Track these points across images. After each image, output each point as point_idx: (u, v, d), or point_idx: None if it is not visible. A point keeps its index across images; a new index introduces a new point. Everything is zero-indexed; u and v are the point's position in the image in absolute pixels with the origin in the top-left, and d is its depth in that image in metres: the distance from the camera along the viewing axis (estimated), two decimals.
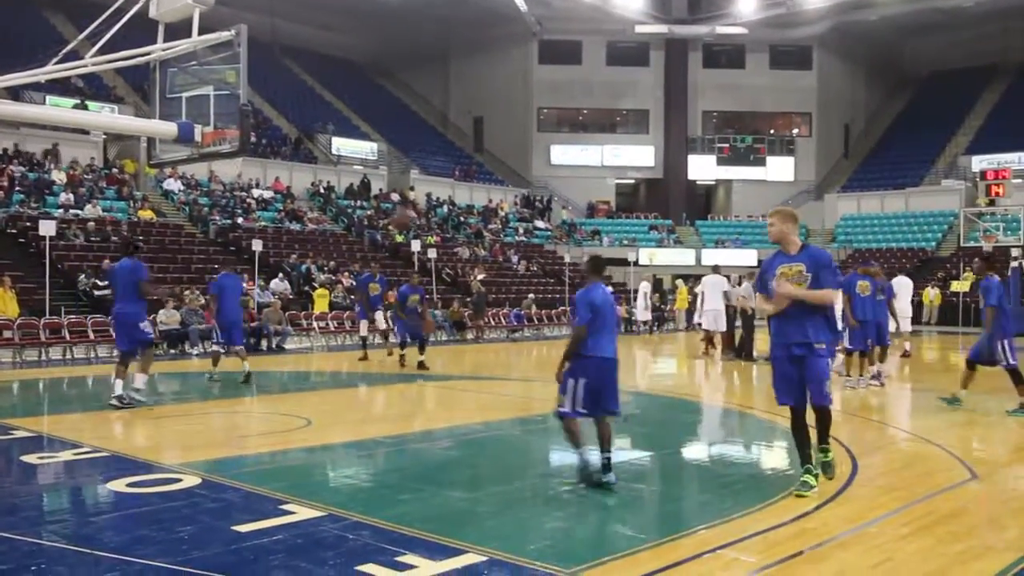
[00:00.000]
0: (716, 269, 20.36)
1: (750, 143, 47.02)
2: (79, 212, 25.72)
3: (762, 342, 15.38)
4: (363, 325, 18.23)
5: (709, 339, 19.46)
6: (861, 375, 13.17)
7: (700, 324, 20.70)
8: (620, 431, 10.42)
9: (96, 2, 9.53)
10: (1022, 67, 47.52)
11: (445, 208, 39.45)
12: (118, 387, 10.59)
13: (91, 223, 24.87)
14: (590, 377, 6.61)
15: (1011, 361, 10.56)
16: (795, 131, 48.37)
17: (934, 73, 50.64)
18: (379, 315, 18.38)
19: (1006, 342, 10.59)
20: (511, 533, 5.58)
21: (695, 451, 9.19)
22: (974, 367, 10.91)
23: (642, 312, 28.59)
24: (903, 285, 18.91)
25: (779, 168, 47.02)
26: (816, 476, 6.44)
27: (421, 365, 15.53)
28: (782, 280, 6.42)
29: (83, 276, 21.56)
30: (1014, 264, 30.02)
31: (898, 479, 7.14)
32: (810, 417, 6.62)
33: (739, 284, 19.20)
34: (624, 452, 9.05)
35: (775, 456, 8.53)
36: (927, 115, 48.07)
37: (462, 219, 38.86)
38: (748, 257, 39.93)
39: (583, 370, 6.63)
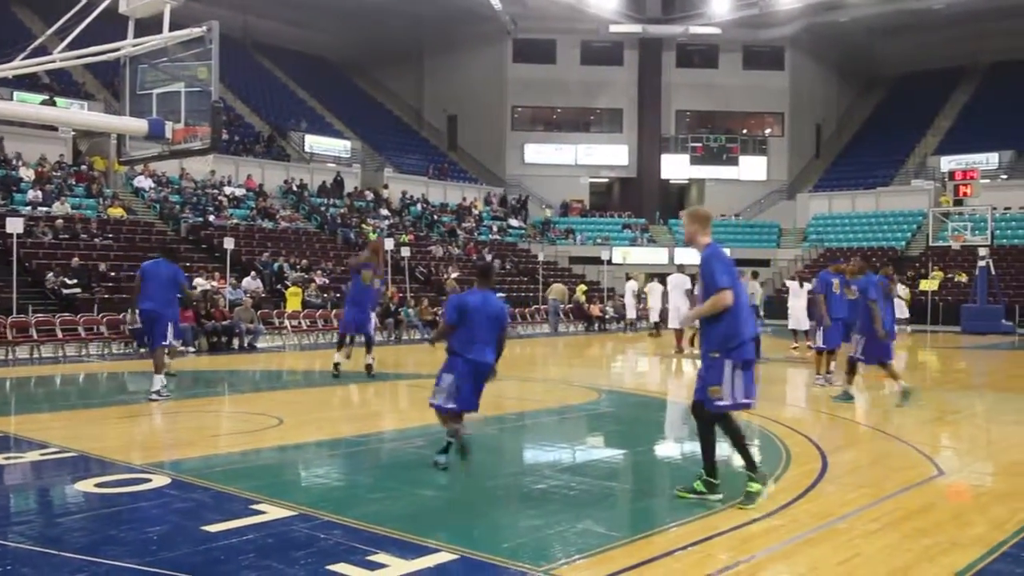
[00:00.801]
0: (681, 268, 20.67)
1: (723, 142, 47.26)
2: (47, 210, 25.40)
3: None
4: None
5: (679, 337, 19.70)
6: (829, 372, 13.26)
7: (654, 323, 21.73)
8: (593, 430, 10.47)
9: None
10: (991, 69, 48.14)
11: (419, 206, 39.36)
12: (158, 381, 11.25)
13: (59, 221, 24.57)
14: (459, 375, 7.09)
15: (858, 356, 11.28)
16: (767, 131, 48.69)
17: (904, 74, 51.17)
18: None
19: (882, 332, 11.14)
20: (484, 531, 5.58)
21: (667, 448, 9.23)
22: (884, 364, 11.34)
23: (631, 310, 28.86)
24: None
25: (752, 167, 47.31)
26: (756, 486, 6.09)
27: (369, 369, 14.00)
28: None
29: (51, 274, 21.29)
30: (981, 263, 30.45)
31: (867, 476, 7.21)
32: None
33: None
34: (597, 450, 9.10)
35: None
36: (897, 116, 48.56)
37: (436, 217, 38.80)
38: None
39: (455, 368, 7.12)
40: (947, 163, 42.12)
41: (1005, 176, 40.84)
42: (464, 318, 7.06)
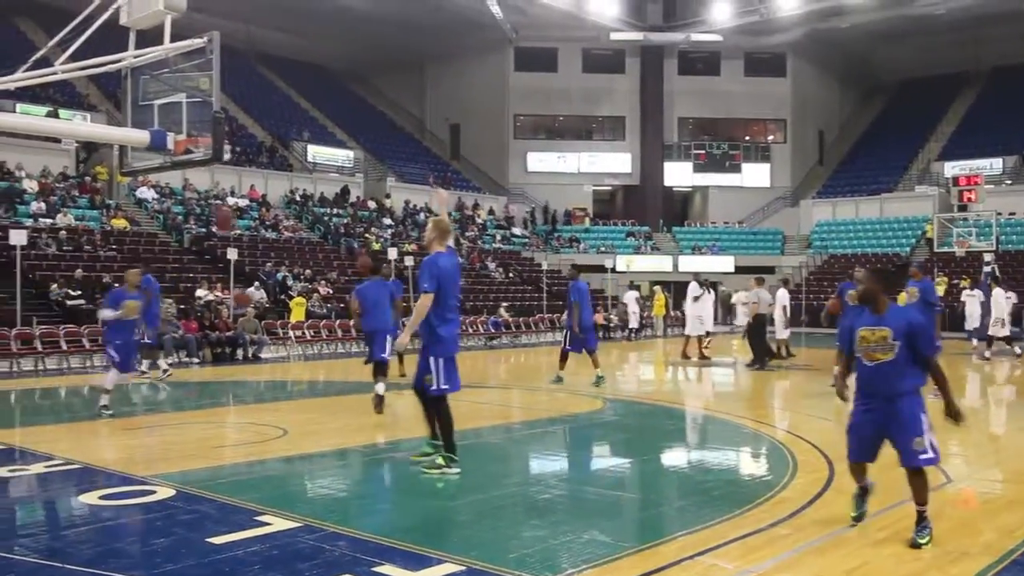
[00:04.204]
0: (696, 276, 20.72)
1: (726, 150, 47.27)
2: (51, 221, 25.43)
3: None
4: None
5: (689, 344, 19.81)
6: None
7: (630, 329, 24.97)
8: (599, 439, 10.42)
9: (67, 9, 9.42)
10: (993, 74, 48.12)
11: (422, 215, 39.36)
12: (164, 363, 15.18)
13: (63, 232, 24.60)
14: None
15: (567, 347, 14.47)
16: (770, 138, 48.68)
17: (906, 80, 51.14)
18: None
19: (576, 328, 14.16)
20: (490, 542, 5.55)
21: (674, 457, 9.19)
22: (590, 352, 14.37)
23: (635, 318, 28.83)
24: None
25: (755, 174, 47.30)
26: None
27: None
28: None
29: (55, 286, 21.30)
30: (987, 269, 30.34)
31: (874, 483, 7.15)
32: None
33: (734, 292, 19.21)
34: (603, 459, 9.06)
35: (753, 462, 8.54)
36: (900, 122, 48.53)
37: None
38: (725, 263, 40.13)
39: None
40: (951, 169, 42.09)
41: (1009, 181, 40.75)
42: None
